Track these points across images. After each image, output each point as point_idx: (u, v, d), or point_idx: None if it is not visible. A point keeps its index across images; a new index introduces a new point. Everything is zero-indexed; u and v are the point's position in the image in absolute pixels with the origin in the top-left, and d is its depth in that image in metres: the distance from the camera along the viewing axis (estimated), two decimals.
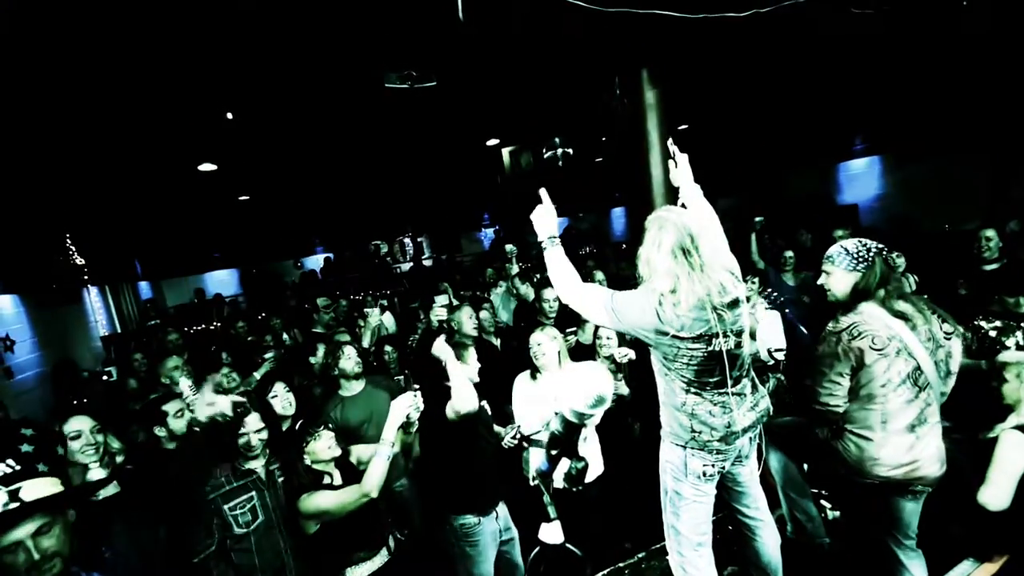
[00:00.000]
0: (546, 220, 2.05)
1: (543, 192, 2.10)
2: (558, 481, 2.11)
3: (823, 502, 2.79)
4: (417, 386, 2.25)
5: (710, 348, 1.78)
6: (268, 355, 3.97)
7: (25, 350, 6.88)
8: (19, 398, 6.26)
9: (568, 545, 2.50)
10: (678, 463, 1.92)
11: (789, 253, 4.63)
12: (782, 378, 3.37)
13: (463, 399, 2.21)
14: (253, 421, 2.31)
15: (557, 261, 1.99)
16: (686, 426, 1.87)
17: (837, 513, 2.79)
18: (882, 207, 8.59)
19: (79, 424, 2.25)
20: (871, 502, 2.08)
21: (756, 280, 3.80)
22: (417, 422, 2.30)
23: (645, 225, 1.90)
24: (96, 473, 2.23)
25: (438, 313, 4.06)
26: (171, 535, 2.23)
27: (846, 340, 1.96)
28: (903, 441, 1.94)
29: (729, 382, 1.83)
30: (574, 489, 2.10)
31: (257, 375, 3.74)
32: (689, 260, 1.77)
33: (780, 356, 3.39)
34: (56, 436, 2.21)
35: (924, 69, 5.71)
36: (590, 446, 2.84)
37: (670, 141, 2.34)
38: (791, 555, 2.38)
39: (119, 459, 2.43)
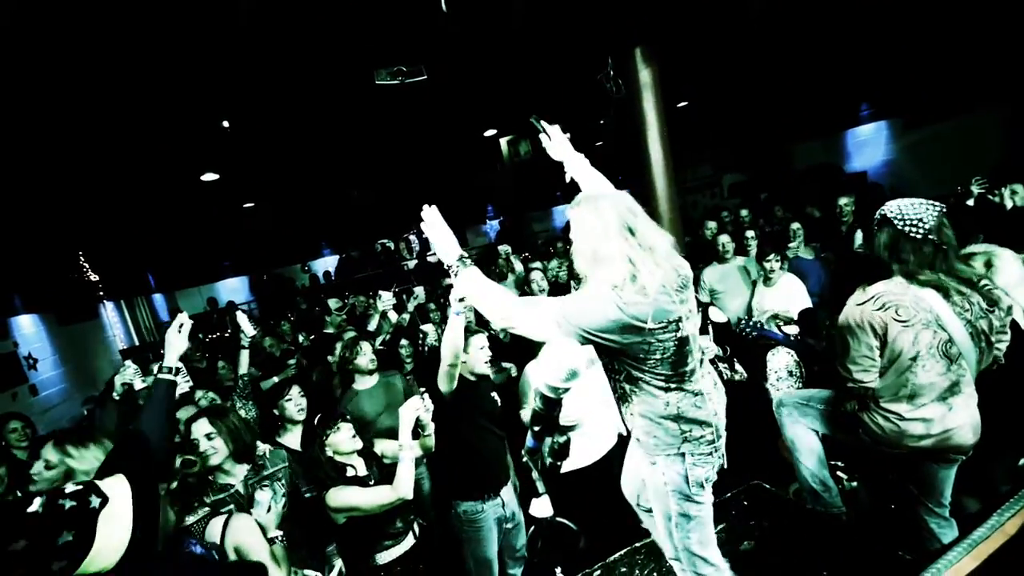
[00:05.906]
0: (445, 242, 1.68)
1: (430, 211, 1.71)
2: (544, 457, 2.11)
3: (839, 473, 2.77)
4: (424, 389, 2.25)
5: (679, 334, 1.57)
6: (291, 360, 4.10)
7: (47, 367, 7.05)
8: (45, 415, 6.42)
9: (559, 518, 2.52)
10: (678, 479, 1.67)
11: (796, 225, 4.50)
12: (792, 354, 3.31)
13: (448, 350, 2.20)
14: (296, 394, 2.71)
15: (476, 283, 1.61)
16: (673, 430, 1.64)
17: (855, 484, 2.76)
18: (891, 172, 8.42)
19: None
20: (899, 470, 2.01)
21: (779, 258, 3.73)
22: (432, 424, 2.30)
23: (570, 216, 1.63)
24: None
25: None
26: None
27: (870, 311, 1.86)
28: (934, 412, 1.86)
29: (698, 367, 1.64)
30: (559, 463, 2.10)
31: (276, 378, 3.84)
32: (637, 238, 1.54)
33: (792, 330, 3.31)
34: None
35: (925, 27, 5.56)
36: (599, 420, 2.77)
37: (534, 117, 2.09)
38: (809, 525, 2.37)
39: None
